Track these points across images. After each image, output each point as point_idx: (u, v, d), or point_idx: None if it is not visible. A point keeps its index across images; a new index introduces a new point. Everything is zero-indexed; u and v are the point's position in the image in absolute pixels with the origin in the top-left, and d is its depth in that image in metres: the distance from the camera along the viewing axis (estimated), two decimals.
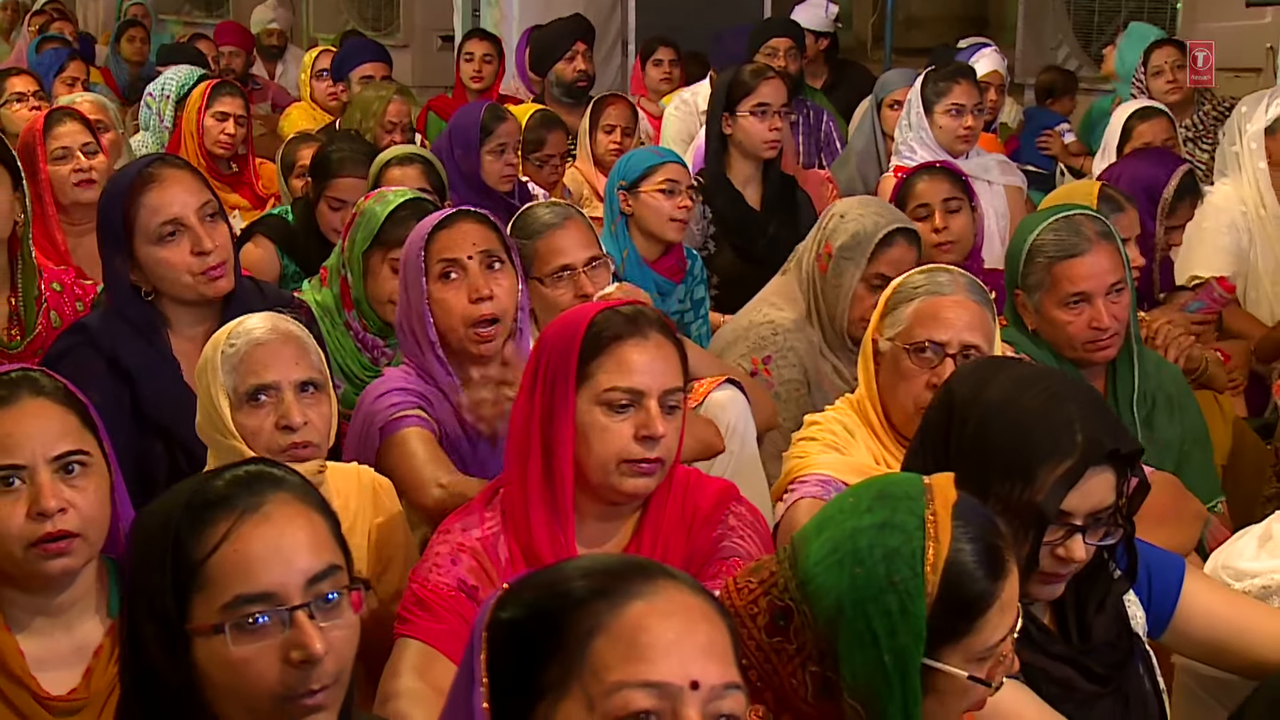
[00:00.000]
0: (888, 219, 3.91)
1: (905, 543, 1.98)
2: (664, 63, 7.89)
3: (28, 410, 2.32)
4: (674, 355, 2.67)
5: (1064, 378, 2.64)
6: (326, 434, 2.87)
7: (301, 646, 1.78)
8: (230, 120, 6.02)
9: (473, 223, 3.34)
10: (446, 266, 3.27)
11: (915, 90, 5.68)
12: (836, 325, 3.94)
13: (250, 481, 1.85)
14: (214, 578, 1.78)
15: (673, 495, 2.73)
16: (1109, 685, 2.49)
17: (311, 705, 1.80)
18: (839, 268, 3.90)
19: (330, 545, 1.87)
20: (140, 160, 3.48)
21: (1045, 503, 2.34)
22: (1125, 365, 3.56)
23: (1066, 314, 3.46)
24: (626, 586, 1.48)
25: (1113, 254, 3.48)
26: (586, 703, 1.43)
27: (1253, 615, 2.63)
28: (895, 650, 1.96)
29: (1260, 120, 5.29)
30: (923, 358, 3.10)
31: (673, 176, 4.62)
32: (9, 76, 6.69)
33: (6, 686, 2.31)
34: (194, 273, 3.28)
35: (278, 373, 2.82)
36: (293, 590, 1.81)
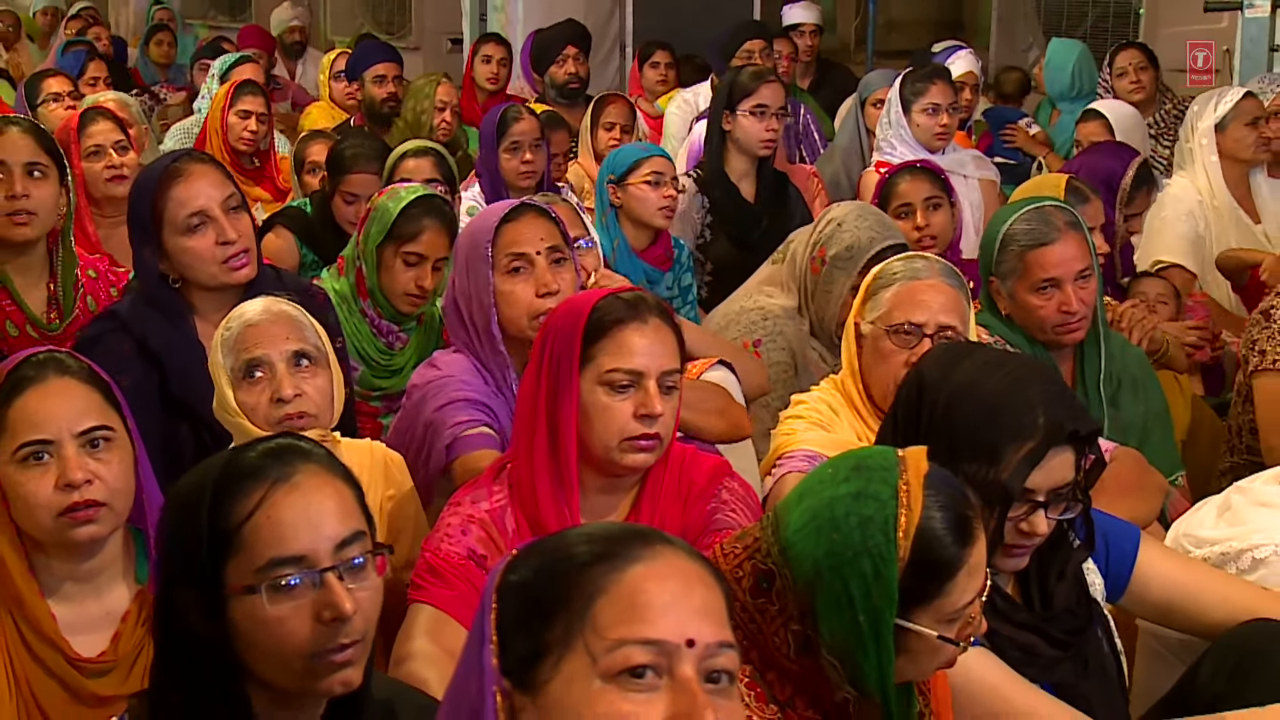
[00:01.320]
0: (881, 235, 3.89)
1: (879, 510, 1.99)
2: (660, 65, 7.85)
3: (54, 389, 2.33)
4: (672, 338, 2.68)
5: (1028, 361, 2.66)
6: (326, 405, 2.85)
7: (332, 606, 1.80)
8: (252, 118, 6.01)
9: (539, 217, 3.30)
10: (515, 261, 3.22)
11: (894, 90, 5.68)
12: (825, 324, 3.95)
13: (280, 453, 1.87)
14: (249, 543, 1.80)
15: (669, 470, 2.73)
16: (1069, 650, 2.49)
17: (341, 661, 1.81)
18: (830, 275, 3.90)
19: (356, 513, 1.88)
20: (167, 156, 3.47)
21: (1010, 481, 2.35)
22: (1092, 347, 3.56)
23: (1038, 299, 3.47)
24: (627, 551, 1.49)
25: (1080, 243, 3.48)
26: (589, 659, 1.44)
27: (1204, 579, 2.64)
28: (870, 611, 1.97)
29: (1210, 118, 5.31)
30: (902, 338, 3.11)
31: (658, 169, 4.62)
32: (45, 78, 6.67)
33: (39, 648, 2.31)
34: (218, 261, 3.27)
35: (268, 347, 2.81)
36: (323, 554, 1.82)
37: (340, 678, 1.82)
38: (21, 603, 2.31)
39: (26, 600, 2.31)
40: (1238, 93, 5.37)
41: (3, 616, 2.32)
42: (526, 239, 3.24)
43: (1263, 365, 3.82)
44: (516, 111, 5.24)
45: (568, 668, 1.45)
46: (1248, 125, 5.26)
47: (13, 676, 2.30)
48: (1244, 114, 5.27)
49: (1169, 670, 2.73)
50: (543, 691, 1.46)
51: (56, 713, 2.31)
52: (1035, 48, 9.90)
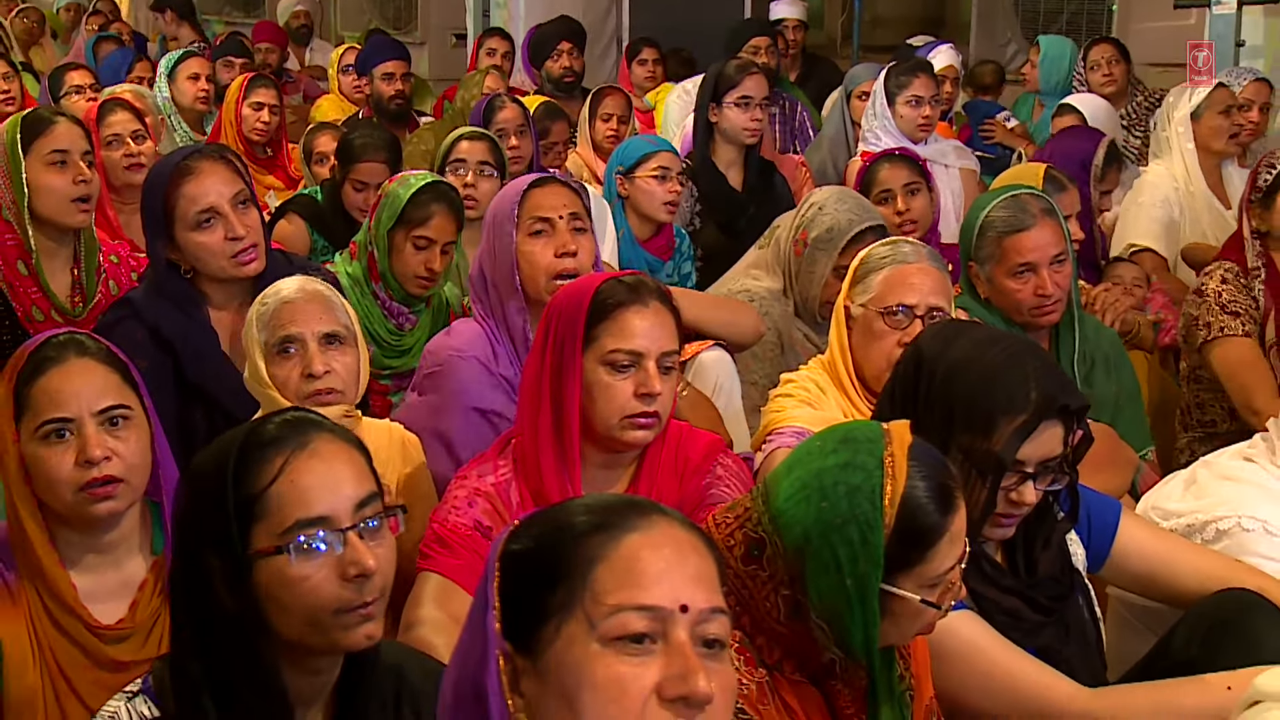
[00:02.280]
0: (860, 217, 3.90)
1: (866, 480, 1.99)
2: (648, 62, 7.83)
3: (74, 369, 2.32)
4: (670, 321, 2.68)
5: (1021, 340, 2.65)
6: (352, 382, 2.88)
7: (356, 563, 1.81)
8: (265, 109, 6.02)
9: (562, 186, 3.33)
10: (537, 224, 3.25)
11: (879, 83, 5.69)
12: (808, 305, 3.94)
13: (296, 423, 1.88)
14: (273, 507, 1.80)
15: (667, 447, 2.74)
16: (1052, 615, 2.50)
17: (365, 615, 1.82)
18: (813, 256, 3.90)
19: (369, 476, 1.89)
20: (179, 152, 3.46)
21: (1003, 452, 2.35)
22: (1067, 329, 3.56)
23: (1015, 282, 3.47)
24: (624, 521, 1.49)
25: (1055, 229, 3.49)
26: (588, 624, 1.43)
27: (1179, 551, 2.64)
28: (856, 576, 1.97)
29: (1186, 107, 5.33)
30: (895, 320, 3.11)
31: (665, 164, 4.61)
32: (68, 70, 6.67)
33: (61, 616, 2.30)
34: (228, 256, 3.28)
35: (302, 326, 2.84)
36: (343, 514, 1.83)
37: (365, 631, 1.83)
38: (43, 573, 2.30)
39: (48, 570, 2.31)
40: (1211, 84, 5.38)
41: (26, 586, 2.31)
42: (550, 205, 3.25)
43: (1210, 336, 3.84)
44: (500, 101, 5.23)
45: (567, 632, 1.45)
46: (1221, 114, 5.29)
47: (36, 643, 2.29)
48: (1217, 104, 5.30)
49: (1136, 637, 2.74)
50: (543, 655, 1.45)
51: (77, 677, 2.30)
52: (1013, 43, 9.93)
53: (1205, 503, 2.81)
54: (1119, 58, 6.84)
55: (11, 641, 2.27)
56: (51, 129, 3.74)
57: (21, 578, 2.31)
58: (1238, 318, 3.81)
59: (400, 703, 1.91)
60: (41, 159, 3.69)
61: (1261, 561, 2.65)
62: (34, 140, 3.70)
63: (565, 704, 1.43)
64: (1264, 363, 3.81)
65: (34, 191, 3.67)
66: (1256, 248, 3.92)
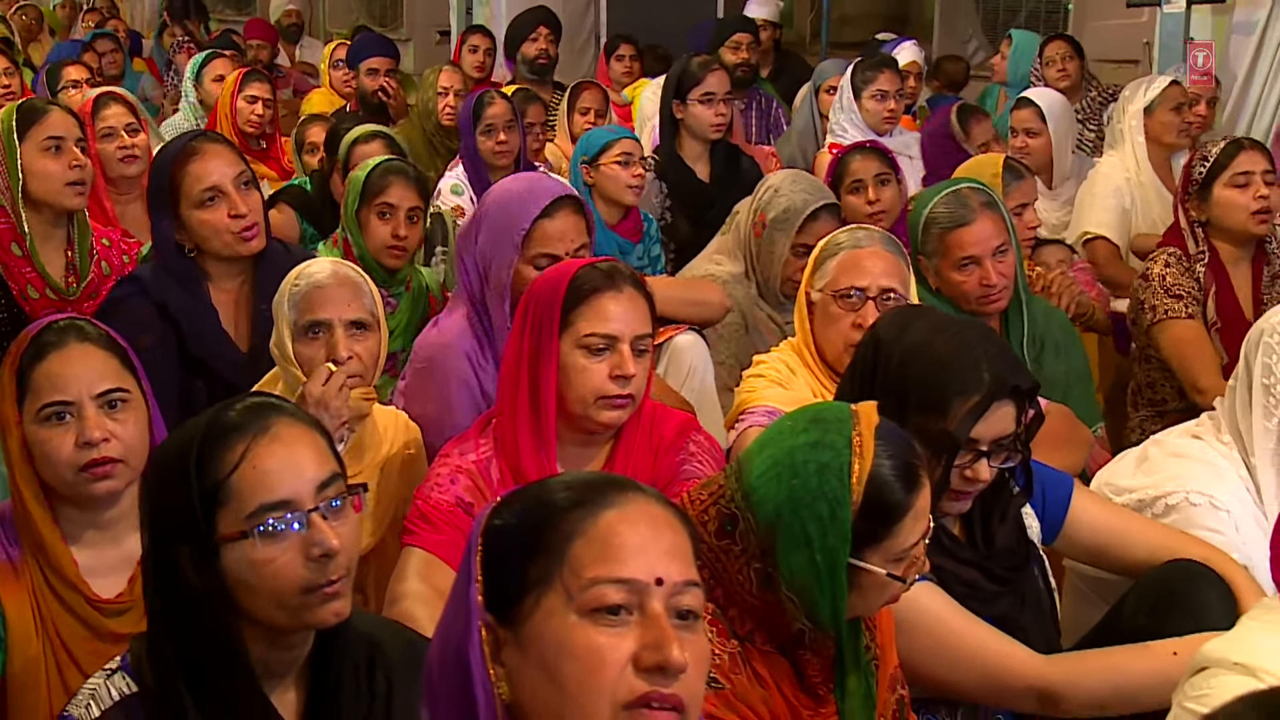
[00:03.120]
0: (815, 197, 3.91)
1: (835, 459, 1.99)
2: (625, 58, 7.82)
3: (74, 354, 2.31)
4: (644, 305, 2.67)
5: (973, 324, 2.66)
6: (372, 366, 2.90)
7: (320, 543, 1.79)
8: (259, 103, 5.99)
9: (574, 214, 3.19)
10: (541, 258, 3.10)
11: (846, 78, 5.69)
12: (770, 284, 3.94)
13: (258, 408, 1.86)
14: (237, 492, 1.78)
15: (641, 426, 2.73)
16: (1009, 586, 2.50)
17: (331, 594, 1.81)
18: (771, 237, 3.90)
19: (330, 457, 1.87)
20: (185, 135, 3.49)
21: (957, 431, 2.35)
22: (1016, 313, 3.56)
23: (960, 275, 3.46)
24: (602, 497, 1.48)
25: (996, 221, 3.47)
26: (566, 596, 1.43)
27: (1129, 524, 2.66)
28: (825, 550, 1.97)
29: (1140, 102, 5.35)
30: (848, 302, 3.11)
31: (627, 150, 4.60)
32: (65, 65, 6.66)
33: (63, 591, 2.30)
34: (231, 232, 3.28)
35: (331, 311, 2.85)
36: (306, 496, 1.81)
37: (332, 609, 1.82)
38: (45, 549, 2.30)
39: (49, 546, 2.30)
40: (1164, 80, 5.42)
41: (30, 562, 2.31)
42: (556, 239, 3.14)
43: (1156, 319, 3.85)
44: (490, 97, 5.22)
45: (546, 604, 1.44)
46: (1172, 111, 5.31)
47: (39, 616, 2.29)
48: (1169, 100, 5.32)
49: (1089, 606, 2.75)
50: (524, 626, 1.45)
51: (78, 648, 2.30)
52: (974, 40, 9.94)
53: (1155, 479, 2.82)
54: (1073, 54, 6.85)
55: (15, 614, 2.27)
56: (46, 117, 3.77)
57: (25, 553, 2.30)
58: (1181, 300, 3.83)
59: (374, 671, 1.90)
60: (37, 145, 3.72)
61: (1208, 534, 2.66)
62: (29, 128, 3.73)
63: (545, 673, 1.42)
64: (1207, 342, 3.82)
65: (30, 176, 3.70)
66: (1199, 234, 3.93)
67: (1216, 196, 3.90)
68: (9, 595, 2.27)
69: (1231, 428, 2.78)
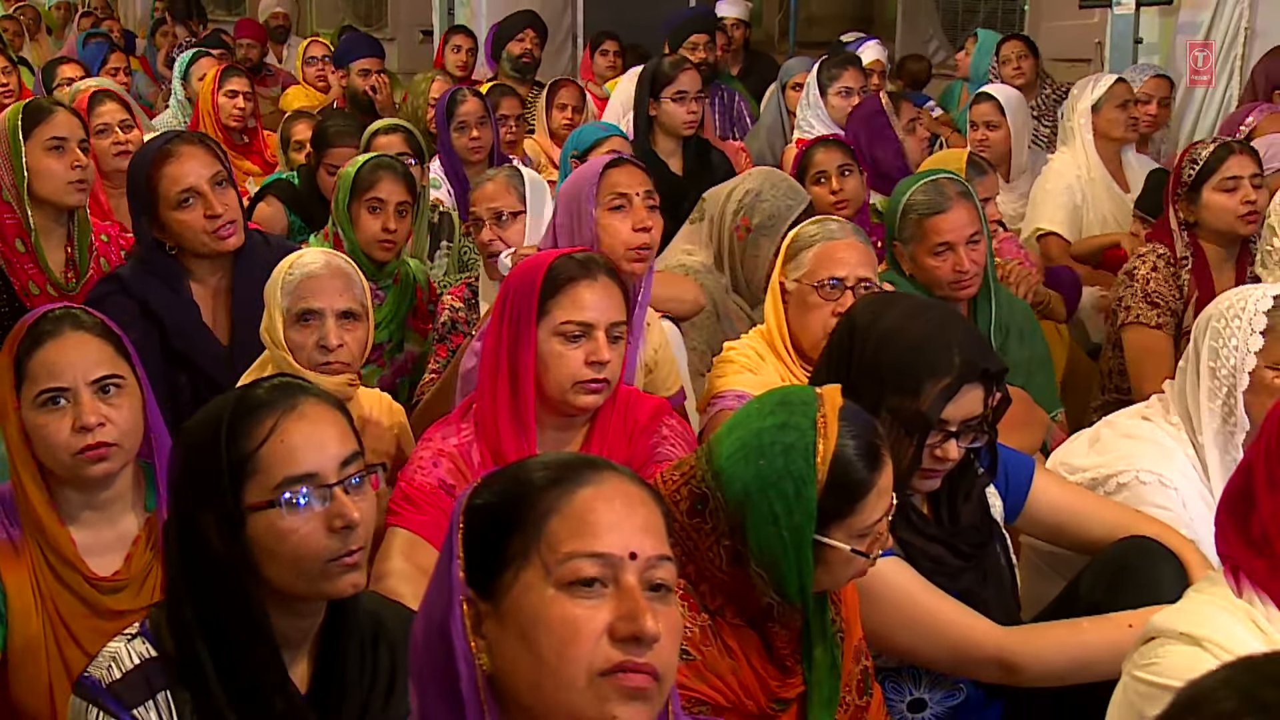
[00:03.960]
0: (798, 201, 3.91)
1: (800, 439, 1.98)
2: (609, 53, 7.83)
3: (70, 342, 2.30)
4: (618, 294, 2.67)
5: (945, 309, 2.66)
6: (359, 355, 2.90)
7: (342, 515, 1.81)
8: (239, 96, 5.98)
9: (636, 167, 3.30)
10: (617, 199, 3.20)
11: (812, 75, 5.69)
12: (753, 286, 3.93)
13: (285, 388, 1.87)
14: (265, 464, 1.79)
15: (616, 410, 2.72)
16: (972, 561, 2.50)
17: (350, 564, 1.82)
18: (756, 241, 3.89)
19: (352, 436, 1.89)
20: (160, 137, 3.46)
21: (929, 412, 2.35)
22: (984, 301, 3.57)
23: (935, 260, 3.47)
24: (577, 476, 1.47)
25: (971, 210, 3.49)
26: (544, 571, 1.42)
27: (1086, 504, 2.66)
28: (792, 528, 1.97)
29: (1088, 99, 5.35)
30: (828, 292, 3.11)
31: (616, 148, 4.57)
32: (60, 64, 6.62)
33: (61, 569, 2.29)
34: (208, 232, 3.27)
35: (323, 301, 2.85)
36: (329, 471, 1.82)
37: (350, 579, 1.83)
38: (43, 529, 2.29)
39: (47, 527, 2.29)
40: (1111, 79, 5.43)
41: (29, 541, 2.30)
42: (627, 183, 3.22)
43: (1129, 319, 3.85)
44: (462, 95, 5.22)
45: (525, 578, 1.43)
46: (1118, 108, 5.31)
47: (39, 593, 2.28)
48: (1116, 97, 5.32)
49: (1047, 581, 2.76)
50: (503, 600, 1.44)
51: (77, 625, 2.29)
52: (935, 39, 9.96)
53: (1107, 458, 2.82)
54: (1028, 53, 6.88)
55: (16, 592, 2.26)
56: (51, 118, 3.74)
57: (25, 534, 2.29)
58: (1156, 309, 3.83)
59: (378, 645, 1.90)
60: (41, 145, 3.68)
61: (1157, 511, 2.66)
62: (34, 128, 3.69)
63: (524, 644, 1.42)
64: (1165, 355, 3.81)
65: (34, 175, 3.67)
66: (1184, 238, 3.93)
67: (1205, 200, 3.89)
68: (9, 573, 2.27)
69: (1180, 409, 2.79)
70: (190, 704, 1.78)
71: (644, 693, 1.41)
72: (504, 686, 1.44)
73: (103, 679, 1.79)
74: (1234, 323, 2.67)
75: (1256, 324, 2.66)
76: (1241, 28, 6.07)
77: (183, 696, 1.79)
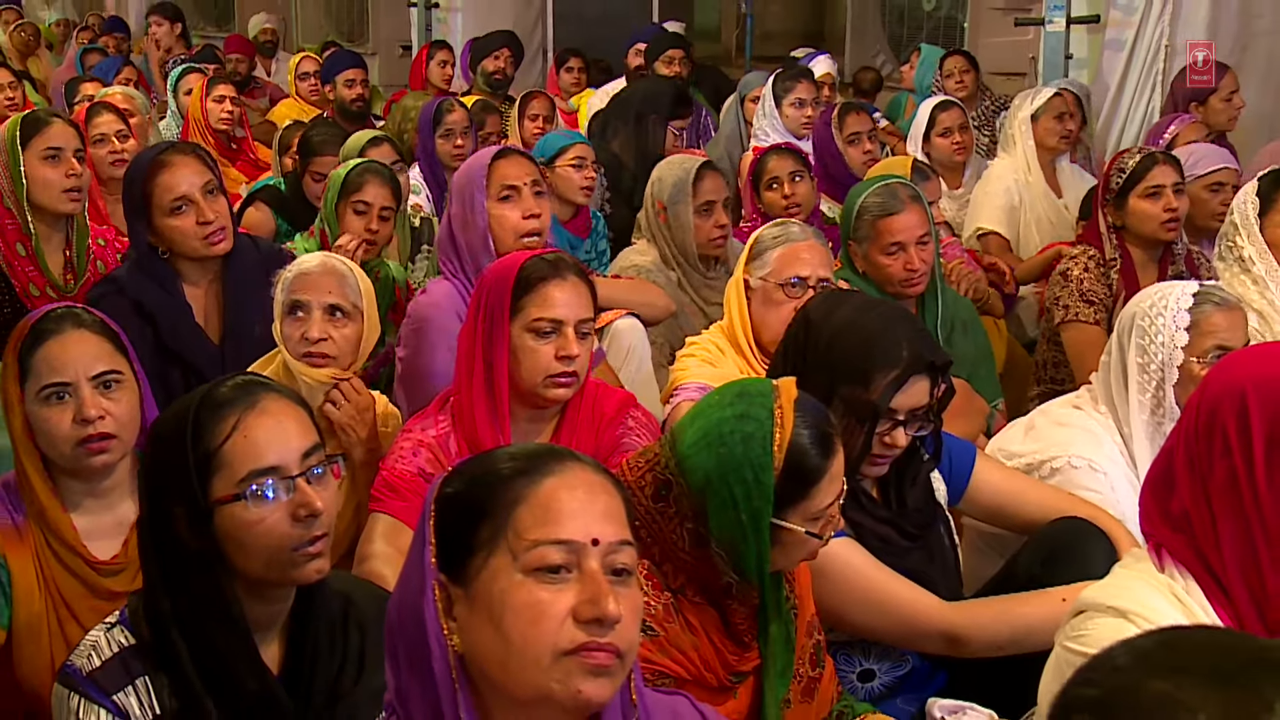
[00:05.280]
0: (691, 163, 4.04)
1: (758, 429, 1.98)
2: (574, 69, 7.85)
3: (72, 339, 2.28)
4: (586, 293, 2.66)
5: (895, 306, 2.67)
6: (348, 351, 2.86)
7: (305, 505, 1.79)
8: (226, 100, 6.04)
9: (523, 157, 3.32)
10: (505, 190, 3.24)
11: (767, 87, 5.70)
12: (688, 254, 4.00)
13: (246, 385, 1.85)
14: (229, 459, 1.77)
15: (585, 402, 2.72)
16: (918, 541, 2.51)
17: (314, 552, 1.81)
18: (674, 211, 3.98)
19: (312, 429, 1.86)
20: (155, 148, 3.45)
21: (879, 402, 2.36)
22: (931, 298, 3.58)
23: (887, 259, 3.48)
24: (542, 466, 1.46)
25: (921, 213, 3.50)
26: (511, 556, 1.41)
27: (1023, 488, 2.67)
28: (750, 511, 1.96)
29: (1027, 110, 5.40)
30: (792, 290, 3.13)
31: (581, 154, 4.59)
32: (82, 82, 6.70)
33: (63, 553, 2.27)
34: (199, 238, 3.25)
35: (311, 295, 2.83)
36: (291, 463, 1.80)
37: (315, 566, 1.82)
38: (45, 516, 2.27)
39: (50, 514, 2.27)
40: (1049, 92, 5.48)
41: (33, 527, 2.28)
42: (515, 174, 3.25)
43: (1067, 318, 3.86)
44: (449, 105, 5.22)
45: (493, 564, 1.42)
46: (1055, 119, 5.35)
47: (41, 575, 2.26)
48: (1052, 109, 5.36)
49: (986, 560, 2.76)
50: (473, 584, 1.43)
51: (77, 605, 2.27)
52: (881, 54, 9.99)
53: (1042, 445, 2.83)
54: (969, 67, 6.92)
55: (20, 574, 2.24)
56: (47, 129, 3.72)
57: (28, 519, 2.28)
58: (1091, 306, 3.84)
59: (348, 625, 1.89)
60: (38, 154, 3.67)
61: (1088, 493, 2.67)
62: (31, 138, 3.68)
63: (492, 625, 1.40)
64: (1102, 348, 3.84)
65: (31, 182, 3.65)
66: (1113, 240, 3.94)
67: (1132, 206, 3.91)
68: (14, 556, 2.25)
69: (1106, 400, 2.80)
70: (168, 688, 1.77)
71: (607, 669, 1.40)
72: (475, 665, 1.43)
73: (83, 667, 1.78)
74: (1159, 320, 2.69)
75: (1180, 321, 2.67)
76: (1162, 45, 6.14)
77: (160, 681, 1.77)
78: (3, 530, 2.26)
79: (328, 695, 1.83)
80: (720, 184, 4.08)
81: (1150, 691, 0.92)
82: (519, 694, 1.41)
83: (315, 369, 2.82)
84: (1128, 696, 0.93)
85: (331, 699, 1.83)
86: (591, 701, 1.41)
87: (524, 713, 1.43)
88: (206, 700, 1.76)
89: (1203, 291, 2.72)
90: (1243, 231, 3.48)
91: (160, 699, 1.77)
